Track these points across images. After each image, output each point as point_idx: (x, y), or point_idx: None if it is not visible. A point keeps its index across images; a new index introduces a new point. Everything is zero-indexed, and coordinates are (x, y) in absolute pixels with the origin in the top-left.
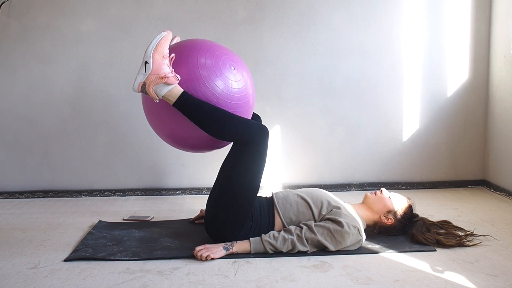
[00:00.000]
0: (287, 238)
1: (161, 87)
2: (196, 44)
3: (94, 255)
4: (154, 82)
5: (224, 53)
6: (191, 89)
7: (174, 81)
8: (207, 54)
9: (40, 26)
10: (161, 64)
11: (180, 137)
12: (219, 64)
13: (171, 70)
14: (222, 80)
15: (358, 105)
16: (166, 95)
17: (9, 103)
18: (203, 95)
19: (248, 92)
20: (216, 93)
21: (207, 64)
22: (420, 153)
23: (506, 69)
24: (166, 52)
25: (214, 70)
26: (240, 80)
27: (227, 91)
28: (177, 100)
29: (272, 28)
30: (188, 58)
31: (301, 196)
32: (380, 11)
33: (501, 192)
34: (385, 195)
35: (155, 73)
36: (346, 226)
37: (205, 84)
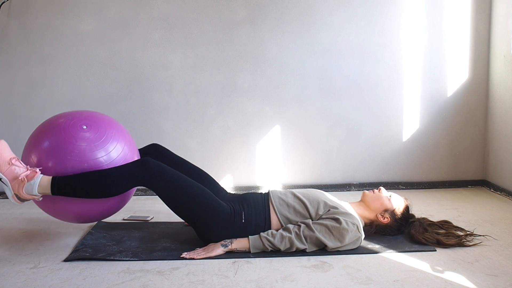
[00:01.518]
0: (285, 236)
1: (30, 187)
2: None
3: (94, 255)
4: (20, 186)
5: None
6: (58, 169)
7: (34, 174)
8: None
9: (40, 26)
10: (11, 170)
11: (86, 213)
12: (71, 131)
13: (25, 168)
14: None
15: (358, 105)
16: (40, 190)
17: (9, 103)
18: (73, 169)
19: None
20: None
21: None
22: (420, 153)
23: (506, 69)
24: (7, 158)
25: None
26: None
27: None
28: (52, 189)
29: (272, 28)
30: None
31: (298, 197)
32: (380, 11)
33: (501, 192)
34: (383, 194)
35: (13, 180)
36: (344, 223)
37: (67, 157)
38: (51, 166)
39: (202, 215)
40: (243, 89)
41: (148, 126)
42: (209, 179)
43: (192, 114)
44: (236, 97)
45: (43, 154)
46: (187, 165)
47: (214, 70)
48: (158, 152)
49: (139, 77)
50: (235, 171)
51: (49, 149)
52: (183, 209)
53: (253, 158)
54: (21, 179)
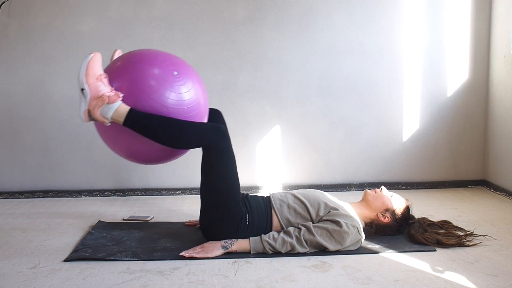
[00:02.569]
0: (286, 241)
1: (106, 109)
2: (135, 56)
3: (94, 255)
4: (97, 105)
5: (165, 59)
6: (138, 103)
7: (116, 98)
8: (147, 65)
9: (40, 26)
10: (97, 85)
11: (140, 154)
12: (161, 72)
13: (110, 89)
14: (167, 88)
15: (358, 105)
16: (114, 116)
17: (9, 103)
18: (151, 108)
19: (198, 100)
20: (164, 104)
21: (149, 74)
22: (420, 153)
23: (506, 69)
24: (98, 73)
25: (157, 80)
26: (188, 86)
27: (176, 98)
28: (125, 119)
29: (272, 28)
30: (128, 73)
31: (298, 198)
32: (380, 11)
33: (501, 192)
34: (384, 194)
35: (94, 96)
36: (345, 226)
37: (150, 96)
38: (131, 99)
39: (223, 206)
40: (243, 89)
41: None
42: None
43: None
44: (236, 97)
45: (127, 83)
46: None
47: (214, 70)
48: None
49: None
50: None
51: (136, 81)
52: (213, 191)
53: (253, 158)
54: (103, 98)
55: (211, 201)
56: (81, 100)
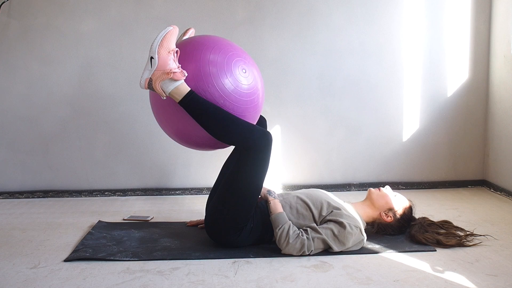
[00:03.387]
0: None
1: (168, 83)
2: (207, 41)
3: (94, 255)
4: (161, 78)
5: (236, 53)
6: (199, 87)
7: (181, 77)
8: (219, 52)
9: (40, 26)
10: (167, 59)
11: (185, 134)
12: (230, 64)
13: (177, 66)
14: (231, 81)
15: (358, 105)
16: (173, 92)
17: (9, 103)
18: (211, 95)
19: (257, 96)
20: (224, 94)
21: (217, 62)
22: (420, 153)
23: (506, 69)
24: (172, 47)
25: (224, 70)
26: (251, 82)
27: (236, 93)
28: (183, 99)
29: (272, 28)
30: (197, 55)
31: (301, 198)
32: (380, 11)
33: (501, 192)
34: (389, 193)
35: (161, 68)
36: (349, 227)
37: (213, 84)
38: (193, 82)
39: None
40: None
41: (148, 126)
42: None
43: None
44: None
45: (197, 66)
46: None
47: None
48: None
49: (139, 77)
50: None
51: (204, 67)
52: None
53: None
54: (168, 72)
55: (229, 200)
56: (146, 67)
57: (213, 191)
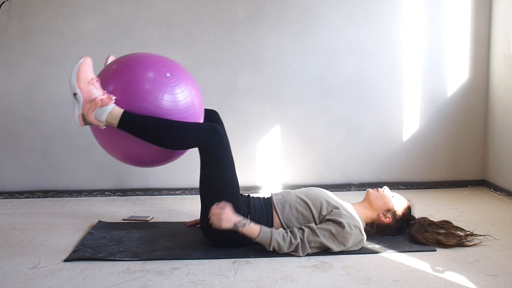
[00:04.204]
0: (293, 243)
1: (100, 112)
2: (128, 60)
3: (94, 255)
4: (91, 109)
5: (158, 62)
6: (132, 106)
7: (109, 101)
8: (140, 67)
9: (40, 26)
10: (89, 89)
11: (137, 156)
12: (154, 74)
13: (102, 92)
14: (161, 90)
15: (358, 105)
16: (108, 118)
17: (9, 103)
18: (146, 110)
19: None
20: (159, 105)
21: (142, 77)
22: (420, 153)
23: (506, 69)
24: (90, 77)
25: (150, 82)
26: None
27: (170, 99)
28: (120, 122)
29: (272, 28)
30: (122, 75)
31: (300, 197)
32: (380, 11)
33: (501, 192)
34: (387, 194)
35: (87, 100)
36: (348, 227)
37: (144, 98)
38: (125, 101)
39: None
40: (243, 89)
41: None
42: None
43: None
44: (236, 97)
45: (121, 86)
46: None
47: (214, 70)
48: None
49: None
50: None
51: (129, 84)
52: (212, 191)
53: (253, 158)
54: (96, 101)
55: (210, 201)
56: (75, 105)
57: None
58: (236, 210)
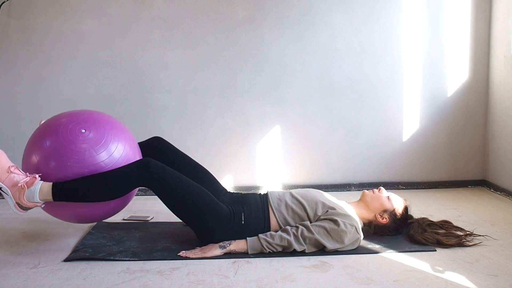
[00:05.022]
0: (283, 238)
1: (30, 194)
2: (42, 129)
3: (94, 255)
4: (21, 194)
5: (69, 121)
6: (59, 175)
7: (34, 180)
8: (53, 134)
9: (40, 26)
10: (11, 178)
11: (89, 215)
12: (70, 137)
13: (24, 175)
14: (81, 150)
15: (358, 105)
16: (41, 197)
17: (9, 103)
18: (74, 174)
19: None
20: (86, 165)
21: (57, 143)
22: (420, 153)
23: (506, 69)
24: (7, 166)
25: (68, 146)
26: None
27: (94, 155)
28: (53, 195)
29: (272, 28)
30: (39, 149)
31: (296, 198)
32: (380, 11)
33: (501, 192)
34: (383, 194)
35: (13, 188)
36: (343, 225)
37: (67, 164)
38: (51, 172)
39: (202, 217)
40: (243, 89)
41: (148, 126)
42: (210, 178)
43: (192, 114)
44: (236, 97)
45: (42, 159)
46: (189, 161)
47: (214, 70)
48: (160, 146)
49: (139, 77)
50: (235, 171)
51: (48, 155)
52: (183, 212)
53: (253, 158)
54: (21, 186)
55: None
56: (6, 198)
57: None
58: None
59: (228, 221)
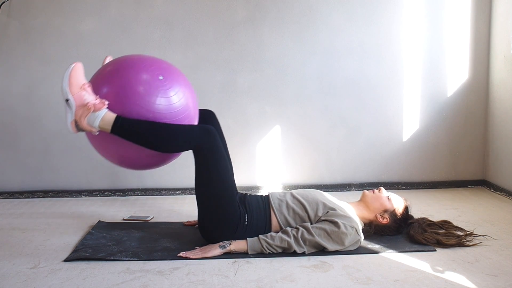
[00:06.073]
0: (284, 239)
1: (92, 118)
2: (121, 63)
3: (94, 255)
4: (83, 115)
5: (151, 64)
6: (125, 110)
7: (101, 106)
8: (133, 71)
9: (40, 26)
10: (81, 95)
11: (132, 160)
12: (147, 77)
13: (95, 97)
14: (154, 93)
15: (358, 105)
16: (101, 124)
17: (9, 103)
18: (139, 114)
19: (186, 102)
20: (151, 109)
21: (134, 80)
22: (420, 153)
23: (506, 69)
24: (81, 82)
25: (143, 85)
26: (175, 90)
27: (163, 102)
28: (113, 127)
29: (272, 28)
30: (114, 79)
31: (297, 198)
32: (380, 11)
33: (501, 192)
34: (383, 194)
35: (79, 106)
36: (343, 227)
37: (136, 102)
38: (117, 106)
39: (220, 207)
40: (243, 89)
41: None
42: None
43: None
44: (236, 97)
45: (113, 90)
46: (226, 148)
47: (214, 70)
48: (213, 122)
49: None
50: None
51: (120, 89)
52: (207, 194)
53: (253, 158)
54: (88, 107)
55: (206, 203)
56: (67, 111)
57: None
58: (233, 212)
59: (237, 220)
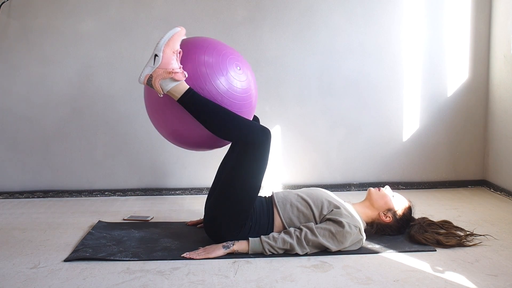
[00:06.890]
0: (286, 241)
1: (167, 82)
2: (203, 42)
3: (94, 255)
4: (161, 76)
5: (230, 52)
6: (197, 86)
7: (181, 77)
8: (214, 53)
9: (40, 26)
10: (171, 59)
11: (181, 134)
12: (225, 63)
13: (179, 66)
14: (227, 79)
15: (358, 105)
16: (172, 90)
17: (9, 103)
18: (208, 93)
19: (251, 93)
20: (221, 92)
21: (213, 62)
22: (420, 153)
23: (506, 69)
24: (177, 48)
25: (220, 69)
26: (244, 80)
27: (232, 90)
28: (182, 96)
29: (272, 28)
30: (194, 55)
31: (301, 197)
32: (380, 11)
33: (501, 192)
34: (388, 193)
35: (163, 67)
36: (347, 226)
37: (211, 82)
38: (191, 81)
39: (239, 204)
40: None
41: (148, 126)
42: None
43: None
44: None
45: (193, 67)
46: None
47: None
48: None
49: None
50: None
51: (200, 67)
52: (236, 187)
53: None
54: (170, 71)
55: (229, 196)
56: (149, 63)
57: (212, 190)
58: (247, 212)
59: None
